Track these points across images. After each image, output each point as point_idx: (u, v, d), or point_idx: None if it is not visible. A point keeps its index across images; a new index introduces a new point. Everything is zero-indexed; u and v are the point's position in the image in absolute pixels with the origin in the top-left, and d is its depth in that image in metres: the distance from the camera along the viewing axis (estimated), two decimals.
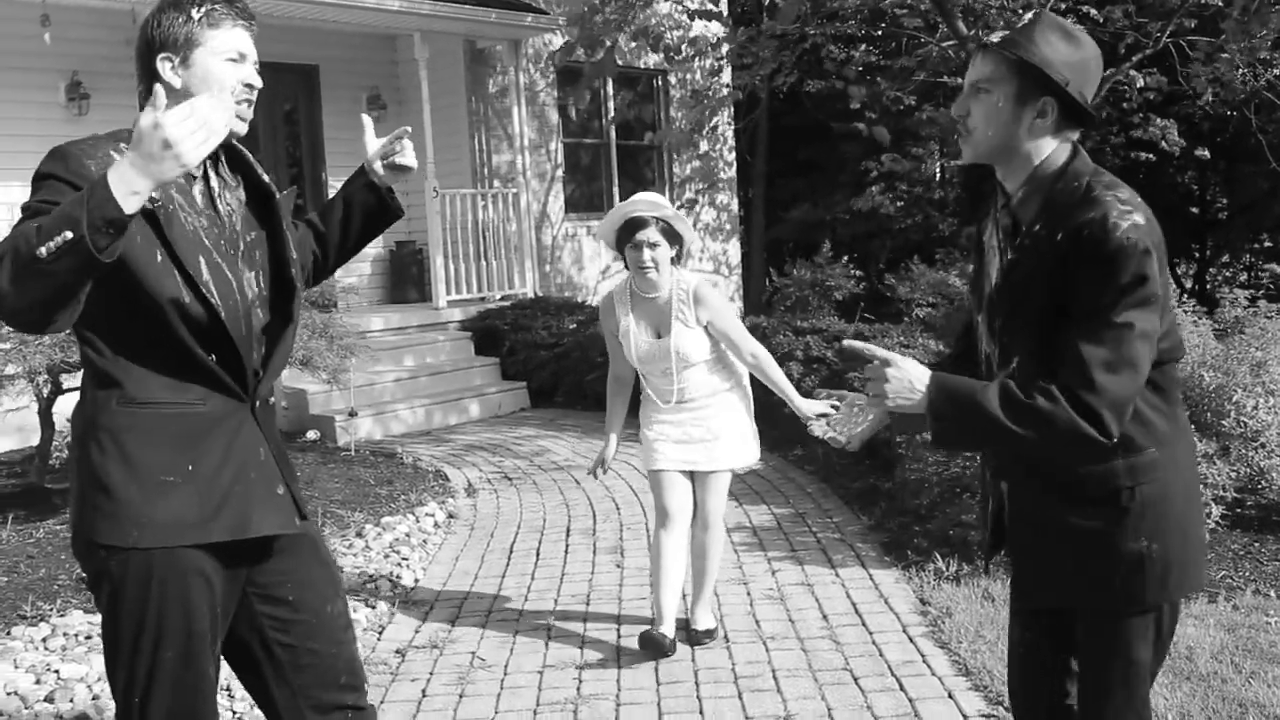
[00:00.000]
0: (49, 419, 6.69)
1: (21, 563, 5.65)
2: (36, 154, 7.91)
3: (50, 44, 9.15)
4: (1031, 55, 2.26)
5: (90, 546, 2.35)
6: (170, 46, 2.38)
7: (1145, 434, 2.32)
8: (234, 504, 2.37)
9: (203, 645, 2.39)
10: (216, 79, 2.39)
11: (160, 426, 2.33)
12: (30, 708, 4.09)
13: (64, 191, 2.18)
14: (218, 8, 2.40)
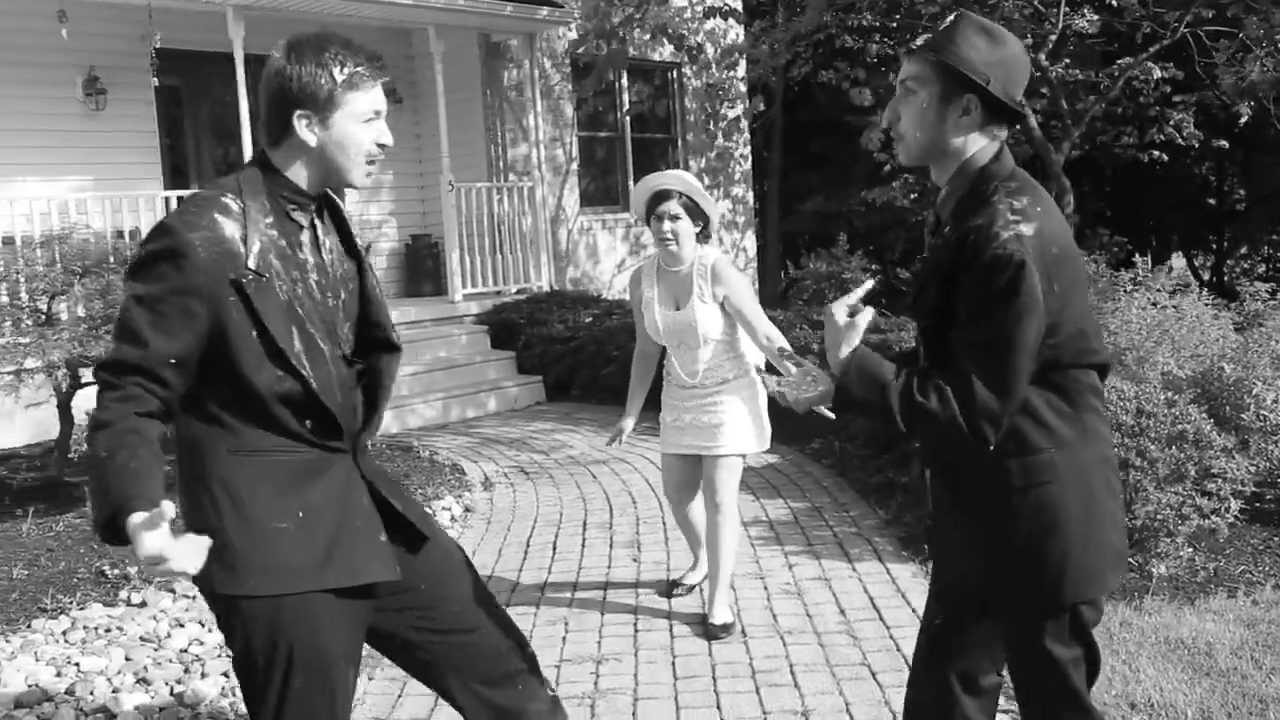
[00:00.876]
0: (68, 413, 6.72)
1: (41, 556, 5.68)
2: (54, 149, 7.99)
3: (67, 39, 9.19)
4: (949, 55, 2.32)
5: (212, 595, 2.39)
6: (310, 104, 2.36)
7: (1043, 436, 2.35)
8: (343, 550, 2.40)
9: (333, 673, 2.42)
10: (354, 142, 2.40)
11: (267, 474, 2.35)
12: (51, 700, 4.11)
13: (168, 276, 2.24)
14: (360, 70, 2.38)
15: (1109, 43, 15.08)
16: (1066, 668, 2.44)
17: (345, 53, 2.36)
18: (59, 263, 6.66)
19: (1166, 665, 4.16)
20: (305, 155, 2.39)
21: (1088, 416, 2.40)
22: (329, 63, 2.34)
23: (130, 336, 2.23)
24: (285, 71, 2.34)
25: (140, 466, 2.14)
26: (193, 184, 10.75)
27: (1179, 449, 5.19)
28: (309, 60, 2.34)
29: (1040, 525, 2.36)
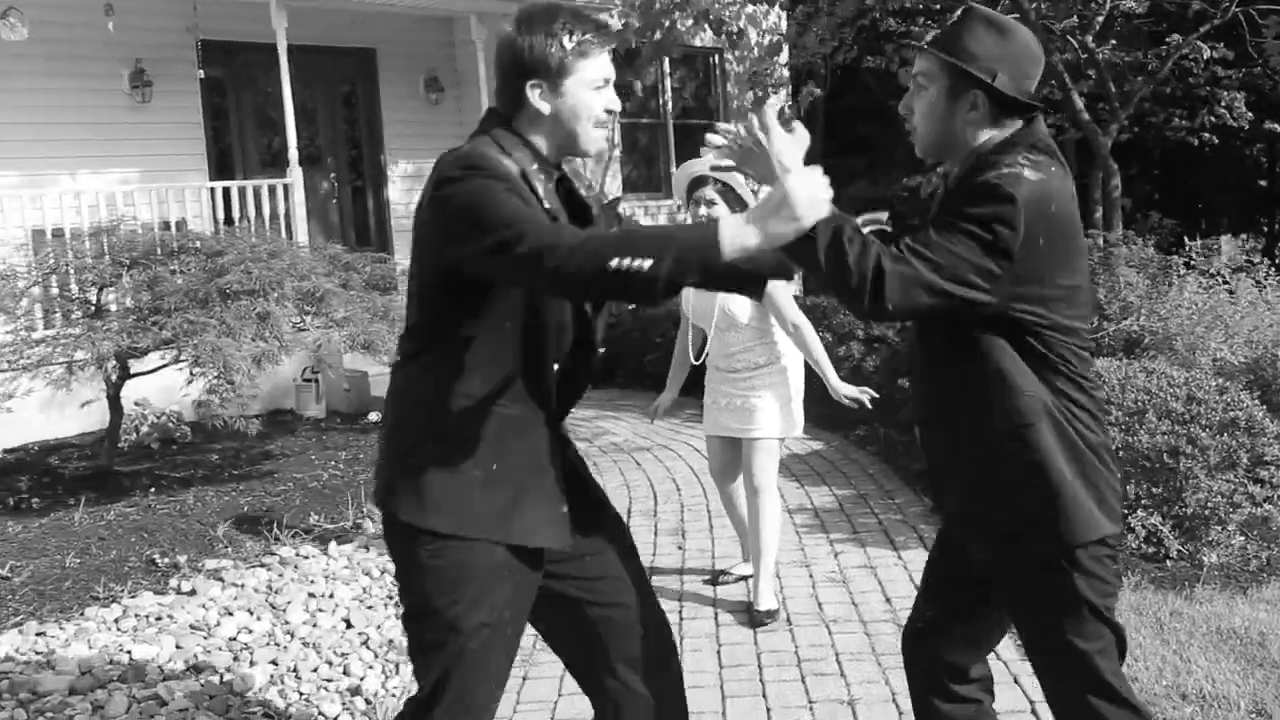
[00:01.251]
0: (118, 403, 6.80)
1: (93, 544, 5.76)
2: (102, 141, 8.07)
3: (114, 33, 9.27)
4: (956, 52, 2.38)
5: (393, 521, 2.47)
6: (542, 73, 2.40)
7: (1025, 380, 2.40)
8: (526, 511, 2.45)
9: (502, 627, 2.47)
10: (585, 108, 2.44)
11: (478, 423, 2.42)
12: (104, 687, 4.16)
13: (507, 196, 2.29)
14: (589, 38, 2.42)
15: (1157, 22, 14.86)
16: (1091, 657, 2.45)
17: (574, 21, 2.40)
18: (107, 254, 6.74)
19: (1218, 656, 4.10)
20: (540, 124, 2.44)
21: (1068, 375, 2.43)
22: (559, 32, 2.39)
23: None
24: (517, 43, 2.40)
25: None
26: (237, 175, 10.83)
27: (1231, 436, 5.12)
28: (539, 30, 2.39)
29: (1027, 467, 2.41)
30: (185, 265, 6.43)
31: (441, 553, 2.41)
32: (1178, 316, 6.37)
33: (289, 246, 6.68)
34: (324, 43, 11.25)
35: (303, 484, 6.90)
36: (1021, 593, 2.54)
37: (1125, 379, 5.54)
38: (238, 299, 5.82)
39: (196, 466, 7.33)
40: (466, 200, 2.29)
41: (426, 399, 2.44)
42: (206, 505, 6.42)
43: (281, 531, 5.92)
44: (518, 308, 2.39)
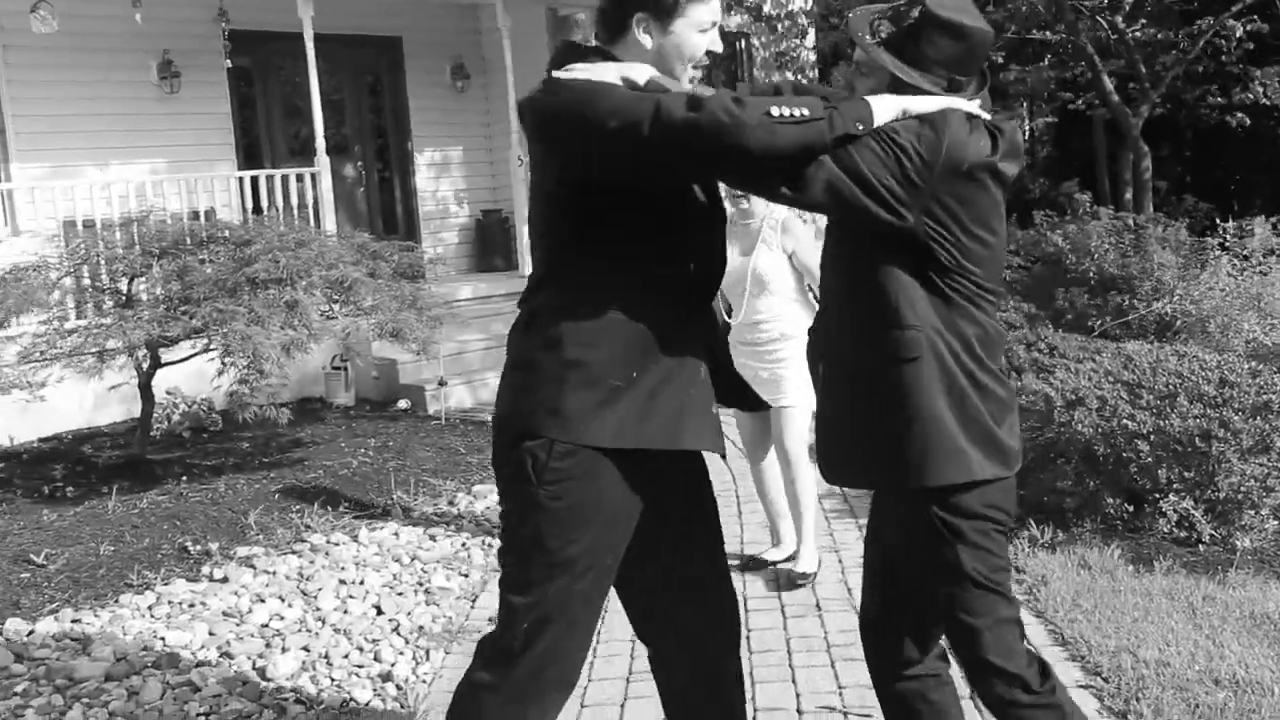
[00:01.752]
0: (149, 392, 6.85)
1: (127, 533, 5.81)
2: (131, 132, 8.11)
3: (141, 24, 9.31)
4: (910, 61, 2.38)
5: (519, 437, 2.41)
6: (652, 8, 2.37)
7: (913, 314, 2.39)
8: (667, 415, 2.41)
9: (604, 578, 2.50)
10: (690, 49, 2.43)
11: (619, 331, 2.38)
12: (138, 673, 4.21)
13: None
14: None
15: (1189, 1, 14.69)
16: (980, 632, 2.48)
17: None
18: (137, 244, 6.78)
19: (1252, 641, 4.07)
20: (639, 56, 2.40)
21: (961, 312, 2.43)
22: None
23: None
24: None
25: None
26: (265, 164, 10.87)
27: (1264, 419, 5.07)
28: None
29: (905, 401, 2.41)
30: (214, 255, 6.47)
31: (569, 482, 2.36)
32: (1211, 298, 6.31)
33: (317, 235, 6.71)
34: (350, 31, 11.27)
35: (333, 471, 6.94)
36: (908, 560, 2.56)
37: (1156, 362, 5.49)
38: (266, 288, 5.85)
39: (227, 454, 7.38)
40: (567, 102, 2.28)
41: (558, 313, 2.40)
42: (238, 493, 6.47)
43: (313, 518, 5.96)
44: (644, 210, 2.36)
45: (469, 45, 12.46)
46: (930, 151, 2.31)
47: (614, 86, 2.28)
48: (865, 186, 2.30)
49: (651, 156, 2.25)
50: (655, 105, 2.21)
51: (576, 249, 2.41)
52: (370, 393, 9.29)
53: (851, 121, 2.26)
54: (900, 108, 2.33)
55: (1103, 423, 5.22)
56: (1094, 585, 4.58)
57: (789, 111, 2.20)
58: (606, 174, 2.31)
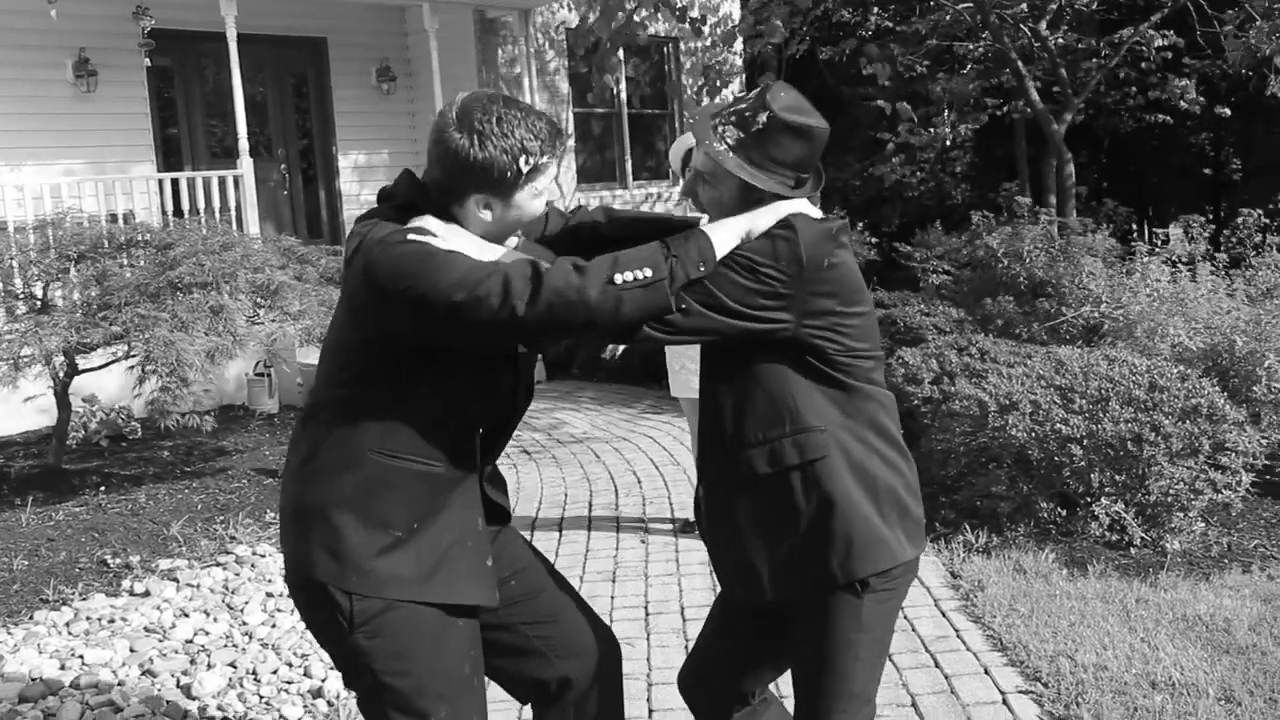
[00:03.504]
0: (65, 400, 6.64)
1: (42, 546, 5.62)
2: (45, 132, 7.87)
3: (56, 20, 9.05)
4: (758, 164, 2.35)
5: (309, 582, 2.34)
6: (490, 189, 2.27)
7: (815, 415, 2.37)
8: (446, 569, 2.36)
9: (450, 683, 2.39)
10: (530, 214, 2.35)
11: (401, 481, 2.31)
12: (55, 694, 4.05)
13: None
14: (545, 159, 2.29)
15: (1109, 11, 14.97)
16: (851, 655, 2.43)
17: (529, 134, 2.25)
18: (53, 248, 6.57)
19: (1185, 643, 4.11)
20: (477, 226, 2.32)
21: (863, 404, 2.42)
22: (514, 150, 2.23)
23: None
24: (465, 154, 2.22)
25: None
26: (186, 166, 10.64)
27: (1193, 423, 5.14)
28: (492, 145, 2.22)
29: (822, 500, 2.36)
30: (135, 258, 6.29)
31: (372, 621, 2.30)
32: (1138, 303, 6.40)
33: (241, 238, 6.55)
34: (274, 31, 11.07)
35: (258, 481, 6.78)
36: (808, 643, 2.48)
37: (1088, 366, 5.55)
38: (190, 292, 5.69)
39: (148, 464, 7.18)
40: (412, 267, 2.16)
41: (342, 457, 2.32)
42: (159, 504, 6.29)
43: (238, 529, 5.81)
44: (454, 367, 2.29)
45: (395, 47, 12.31)
46: (790, 263, 2.29)
47: (457, 254, 2.19)
48: (735, 314, 2.29)
49: (493, 332, 2.19)
50: (503, 283, 2.13)
51: (369, 384, 2.32)
52: (295, 400, 9.11)
53: (694, 265, 2.24)
54: (742, 231, 2.32)
55: (1036, 427, 5.26)
56: (1030, 589, 4.60)
57: (631, 276, 2.17)
58: (434, 338, 2.24)
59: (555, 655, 2.60)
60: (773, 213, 2.35)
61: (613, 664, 2.67)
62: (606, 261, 2.19)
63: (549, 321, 2.16)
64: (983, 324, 7.63)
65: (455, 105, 2.27)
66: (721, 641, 2.71)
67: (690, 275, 2.23)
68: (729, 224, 2.32)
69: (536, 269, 2.16)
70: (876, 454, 2.42)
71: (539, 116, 2.28)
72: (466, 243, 2.27)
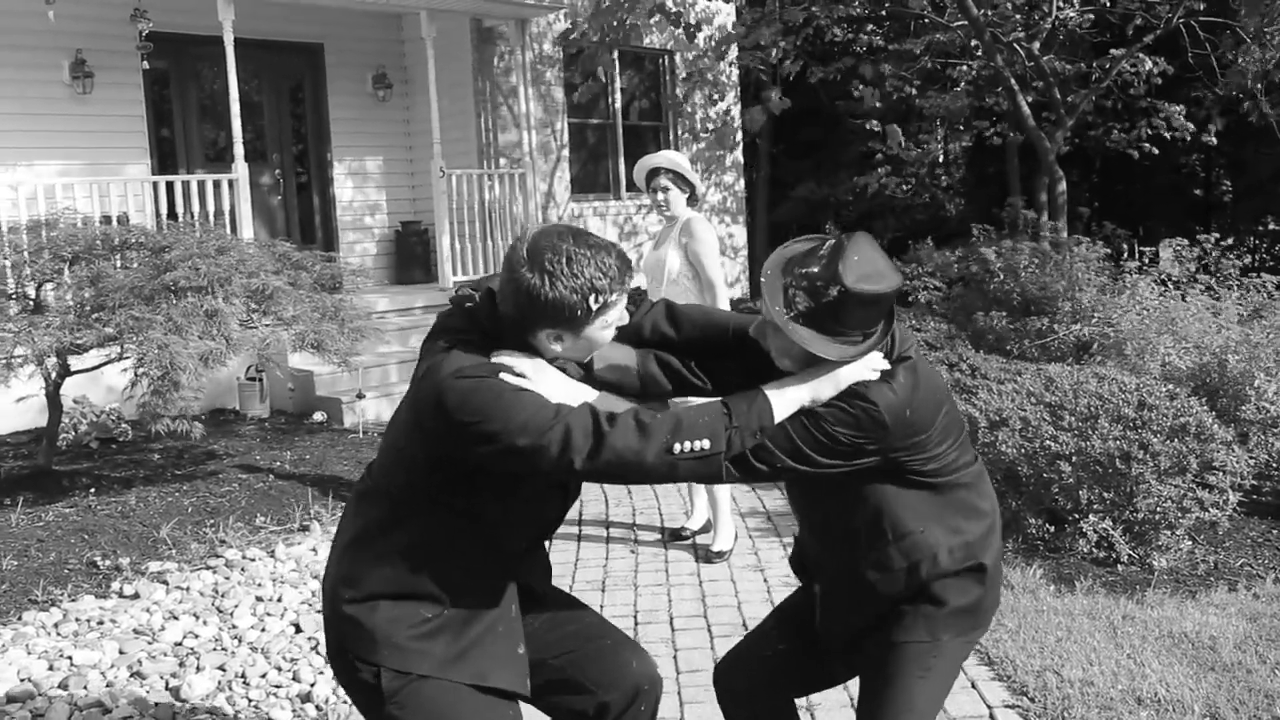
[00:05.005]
0: (57, 401, 6.63)
1: (31, 547, 5.61)
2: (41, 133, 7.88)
3: (54, 22, 9.06)
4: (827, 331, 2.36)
5: (344, 651, 2.43)
6: (562, 325, 2.32)
7: (913, 518, 2.50)
8: (475, 654, 2.44)
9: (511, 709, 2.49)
10: (600, 343, 2.41)
11: (440, 571, 2.40)
12: (44, 694, 4.05)
13: None
14: (614, 297, 2.34)
15: (1100, 33, 15.06)
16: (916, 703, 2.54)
17: (599, 272, 2.29)
18: (47, 249, 6.56)
19: (1171, 660, 4.13)
20: (547, 352, 2.38)
21: (948, 488, 2.53)
22: (584, 289, 2.27)
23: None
24: (536, 293, 2.27)
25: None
26: (181, 169, 10.64)
27: (1181, 441, 5.17)
28: (563, 284, 2.26)
29: (922, 588, 2.51)
30: (129, 261, 6.29)
31: (401, 693, 2.37)
32: (1129, 321, 6.44)
33: (236, 243, 6.54)
34: (271, 36, 11.09)
35: (249, 485, 6.78)
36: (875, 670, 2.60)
37: (1077, 384, 5.58)
38: (185, 296, 5.69)
39: (138, 466, 7.18)
40: (483, 404, 2.22)
41: (388, 546, 2.41)
42: (149, 506, 6.28)
43: (228, 533, 5.81)
44: (509, 486, 2.37)
45: (392, 55, 12.34)
46: (875, 428, 2.37)
47: (528, 394, 2.25)
48: (821, 465, 2.38)
49: (551, 474, 2.26)
50: (565, 435, 2.20)
51: (422, 486, 2.39)
52: (286, 405, 9.11)
53: (752, 435, 2.31)
54: (805, 399, 2.37)
55: (1025, 443, 5.29)
56: (1017, 605, 4.62)
57: (690, 446, 2.24)
58: (493, 467, 2.31)
59: (591, 684, 2.66)
60: (833, 382, 2.38)
61: (651, 693, 2.73)
62: (669, 424, 2.25)
63: (603, 475, 2.26)
64: (974, 339, 7.67)
65: (526, 241, 2.31)
66: (776, 645, 2.82)
67: (747, 445, 2.31)
68: (790, 392, 2.36)
69: (599, 425, 2.22)
70: (965, 538, 2.54)
71: (608, 252, 2.32)
72: (553, 383, 2.34)
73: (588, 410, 2.26)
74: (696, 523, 5.82)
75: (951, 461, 2.52)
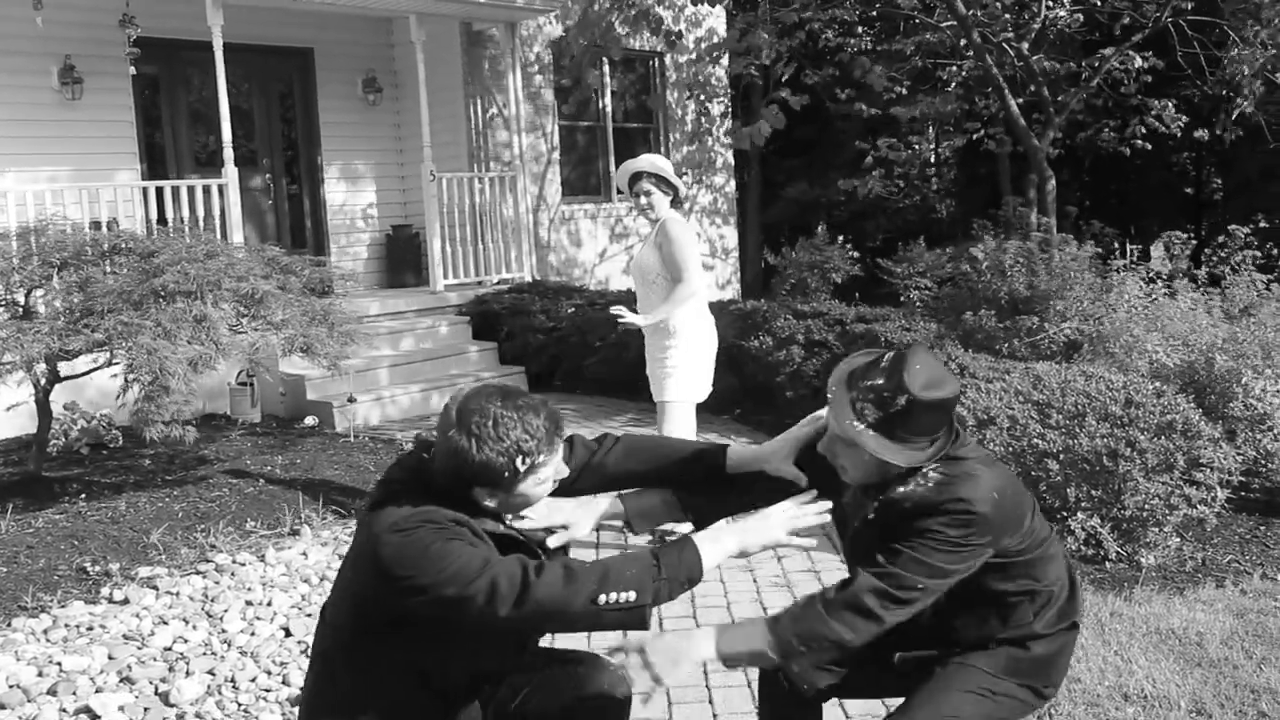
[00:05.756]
0: (46, 407, 6.63)
1: (21, 553, 5.60)
2: (30, 139, 7.86)
3: (43, 27, 9.05)
4: (899, 440, 2.44)
5: None
6: (493, 485, 2.38)
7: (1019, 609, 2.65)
8: None
9: None
10: (536, 498, 2.46)
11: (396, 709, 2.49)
12: (33, 701, 4.05)
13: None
14: (543, 451, 2.38)
15: (1090, 32, 15.09)
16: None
17: (525, 434, 2.35)
18: (36, 255, 6.56)
19: (1158, 656, 4.15)
20: (484, 508, 2.43)
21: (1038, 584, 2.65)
22: (511, 452, 2.33)
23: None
24: (465, 456, 2.33)
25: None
26: (170, 174, 10.64)
27: (1168, 439, 5.19)
28: (489, 448, 2.32)
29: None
30: (118, 266, 6.28)
31: None
32: (1114, 319, 6.46)
33: (225, 247, 6.55)
34: (261, 41, 11.09)
35: (239, 490, 6.78)
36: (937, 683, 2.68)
37: (1065, 382, 5.60)
38: (174, 300, 5.69)
39: (128, 472, 7.17)
40: (413, 557, 2.29)
41: (348, 689, 2.49)
42: (139, 511, 6.28)
43: (218, 538, 5.81)
44: (445, 636, 2.43)
45: (381, 58, 12.34)
46: (979, 523, 2.46)
47: (456, 546, 2.29)
48: (952, 574, 2.47)
49: (477, 622, 2.31)
50: (491, 586, 2.25)
51: (367, 635, 2.46)
52: (277, 409, 9.11)
53: (680, 586, 2.35)
54: (734, 549, 2.42)
55: (1013, 441, 5.30)
56: None
57: (616, 598, 2.28)
58: (424, 615, 2.36)
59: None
60: (763, 530, 2.46)
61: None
62: (597, 575, 2.29)
63: (528, 623, 2.33)
64: (963, 339, 7.68)
65: (456, 403, 2.37)
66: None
67: (674, 596, 2.36)
68: (724, 540, 2.42)
69: (526, 575, 2.27)
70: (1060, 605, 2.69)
71: (536, 412, 2.38)
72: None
73: (516, 561, 2.31)
74: (688, 525, 5.77)
75: (1039, 530, 2.64)
